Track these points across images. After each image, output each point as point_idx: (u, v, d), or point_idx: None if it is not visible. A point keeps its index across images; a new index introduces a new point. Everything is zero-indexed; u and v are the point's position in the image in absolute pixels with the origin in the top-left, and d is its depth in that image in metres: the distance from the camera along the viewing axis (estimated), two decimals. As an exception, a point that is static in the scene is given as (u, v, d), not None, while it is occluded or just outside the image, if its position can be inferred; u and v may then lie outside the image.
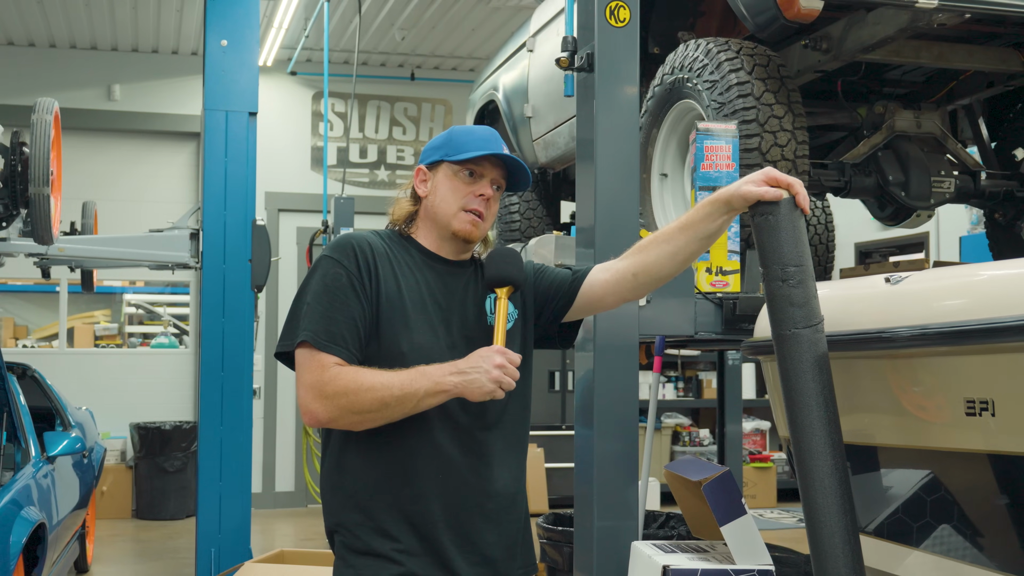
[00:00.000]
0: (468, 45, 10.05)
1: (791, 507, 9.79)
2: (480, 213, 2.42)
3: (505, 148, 2.44)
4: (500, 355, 2.25)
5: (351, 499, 2.33)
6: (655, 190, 4.05)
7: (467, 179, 2.43)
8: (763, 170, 2.28)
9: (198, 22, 9.20)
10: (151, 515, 9.54)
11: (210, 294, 6.10)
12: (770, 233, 2.22)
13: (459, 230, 2.42)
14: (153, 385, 10.24)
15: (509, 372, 2.25)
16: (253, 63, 6.30)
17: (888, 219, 4.39)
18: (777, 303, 2.22)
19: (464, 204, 2.42)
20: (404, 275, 2.39)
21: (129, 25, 9.53)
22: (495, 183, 2.45)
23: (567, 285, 2.52)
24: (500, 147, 2.43)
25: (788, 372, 2.22)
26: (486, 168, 2.44)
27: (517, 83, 5.63)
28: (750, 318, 3.17)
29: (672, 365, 10.32)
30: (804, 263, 2.21)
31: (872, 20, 3.49)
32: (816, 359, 2.20)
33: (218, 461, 6.03)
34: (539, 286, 2.54)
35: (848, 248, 9.27)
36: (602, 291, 2.49)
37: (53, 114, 5.46)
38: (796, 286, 2.20)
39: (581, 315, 2.57)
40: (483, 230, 2.46)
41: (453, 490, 2.33)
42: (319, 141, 10.56)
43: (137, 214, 9.79)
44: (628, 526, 3.01)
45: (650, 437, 4.10)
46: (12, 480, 4.85)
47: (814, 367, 2.19)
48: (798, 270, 2.20)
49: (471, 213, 2.42)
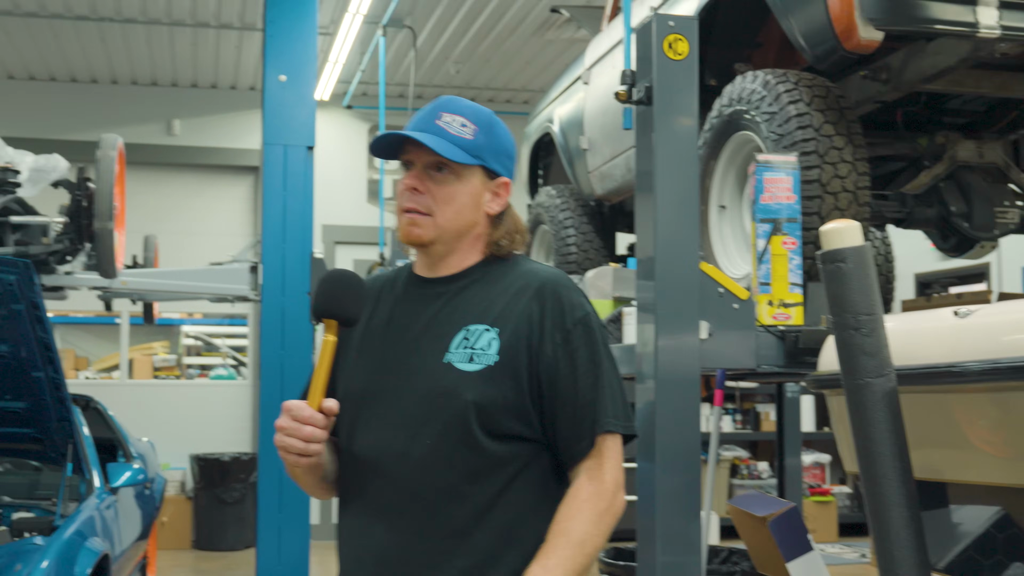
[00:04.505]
0: (522, 78, 10.11)
1: (853, 541, 9.64)
2: (412, 209, 2.05)
3: (446, 118, 2.06)
4: (284, 412, 1.91)
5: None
6: (713, 222, 4.04)
7: (405, 171, 2.09)
8: None
9: (256, 58, 9.34)
10: (210, 546, 9.60)
11: (269, 326, 6.16)
12: (840, 281, 2.20)
13: (401, 235, 2.08)
14: (212, 416, 10.33)
15: (290, 433, 1.90)
16: (311, 97, 6.37)
17: (951, 250, 4.34)
18: (849, 352, 2.20)
19: (399, 204, 2.08)
20: (377, 311, 2.12)
21: (189, 61, 9.69)
22: (431, 165, 2.05)
23: (569, 423, 2.01)
24: (418, 126, 2.06)
25: (860, 423, 2.19)
26: (413, 153, 2.07)
27: (573, 116, 5.64)
28: (812, 351, 3.14)
29: (730, 397, 10.24)
30: (875, 312, 2.19)
31: (932, 50, 3.47)
32: (888, 409, 2.17)
33: (277, 492, 6.06)
34: (553, 362, 2.01)
35: (908, 279, 9.16)
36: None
37: (117, 150, 5.56)
38: (868, 335, 2.17)
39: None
40: (429, 229, 2.05)
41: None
42: (375, 174, 10.65)
43: (196, 247, 9.92)
44: (691, 561, 2.99)
45: (712, 471, 4.07)
46: (77, 511, 4.91)
47: (887, 417, 2.16)
48: (869, 319, 2.17)
49: (405, 214, 2.06)
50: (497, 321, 2.03)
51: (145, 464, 6.87)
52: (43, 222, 5.52)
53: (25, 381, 4.71)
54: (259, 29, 8.45)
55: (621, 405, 2.02)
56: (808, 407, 10.03)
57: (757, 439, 10.56)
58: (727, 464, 10.16)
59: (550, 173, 6.56)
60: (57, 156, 5.65)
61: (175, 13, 8.58)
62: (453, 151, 2.03)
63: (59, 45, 9.22)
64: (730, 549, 4.78)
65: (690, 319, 3.06)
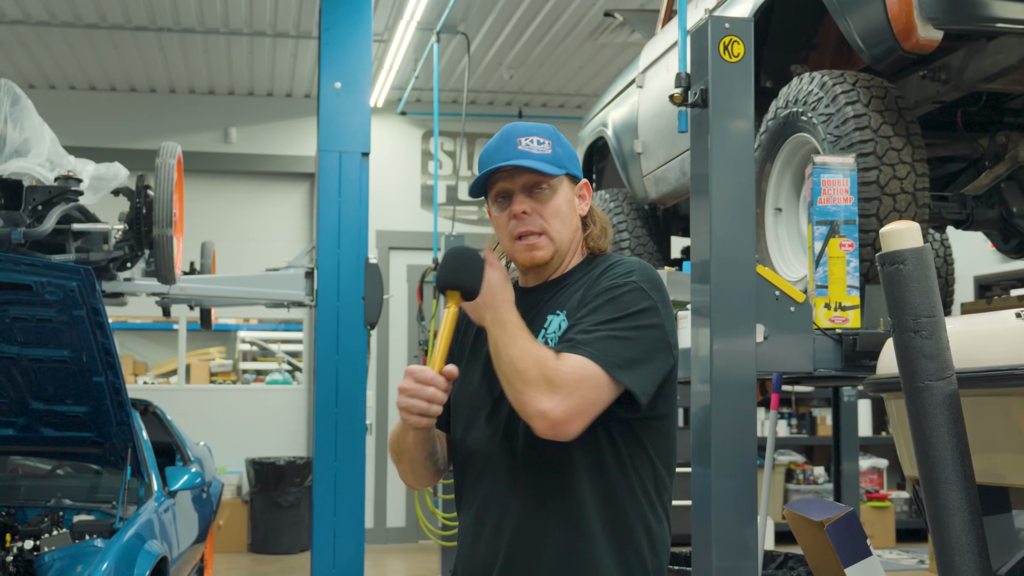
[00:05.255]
0: (575, 82, 10.10)
1: (911, 547, 9.51)
2: (526, 233, 2.20)
3: (524, 142, 2.20)
4: (406, 375, 2.04)
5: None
6: (769, 225, 4.01)
7: (502, 204, 2.23)
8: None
9: (311, 65, 9.42)
10: (266, 549, 9.69)
11: (324, 331, 6.20)
12: (900, 283, 2.17)
13: (523, 262, 2.23)
14: (267, 421, 10.43)
15: (413, 393, 2.03)
16: (365, 104, 6.40)
17: (1012, 252, 4.28)
18: (908, 355, 2.17)
19: (510, 234, 2.22)
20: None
21: (245, 70, 9.80)
22: (528, 187, 2.20)
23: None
24: (506, 154, 2.19)
25: (921, 426, 2.16)
26: (508, 181, 2.22)
27: (627, 119, 5.63)
28: (871, 355, 3.11)
29: (785, 402, 10.16)
30: (936, 314, 2.15)
31: (993, 49, 3.42)
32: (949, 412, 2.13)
33: (332, 496, 6.09)
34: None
35: (967, 281, 9.03)
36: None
37: (176, 158, 5.63)
38: (928, 337, 2.14)
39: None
40: (547, 246, 2.21)
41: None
42: (429, 180, 10.70)
43: (253, 253, 10.02)
44: (747, 566, 2.96)
45: (768, 475, 4.04)
46: (136, 514, 4.98)
47: (948, 420, 2.13)
48: (930, 321, 2.14)
49: (520, 239, 2.21)
50: (567, 305, 2.20)
51: (202, 468, 6.95)
52: (104, 229, 5.59)
53: (86, 386, 4.78)
54: (314, 37, 8.53)
55: (617, 351, 2.07)
56: (865, 411, 9.92)
57: (813, 444, 10.46)
58: (783, 469, 10.07)
59: (604, 177, 6.55)
60: (117, 164, 5.73)
61: (232, 22, 8.68)
62: (550, 167, 2.19)
63: (119, 56, 9.37)
64: (786, 554, 4.74)
65: (746, 322, 3.03)
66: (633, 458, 2.17)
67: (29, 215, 5.16)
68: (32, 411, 5.04)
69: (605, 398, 2.07)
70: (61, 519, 5.12)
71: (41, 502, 5.38)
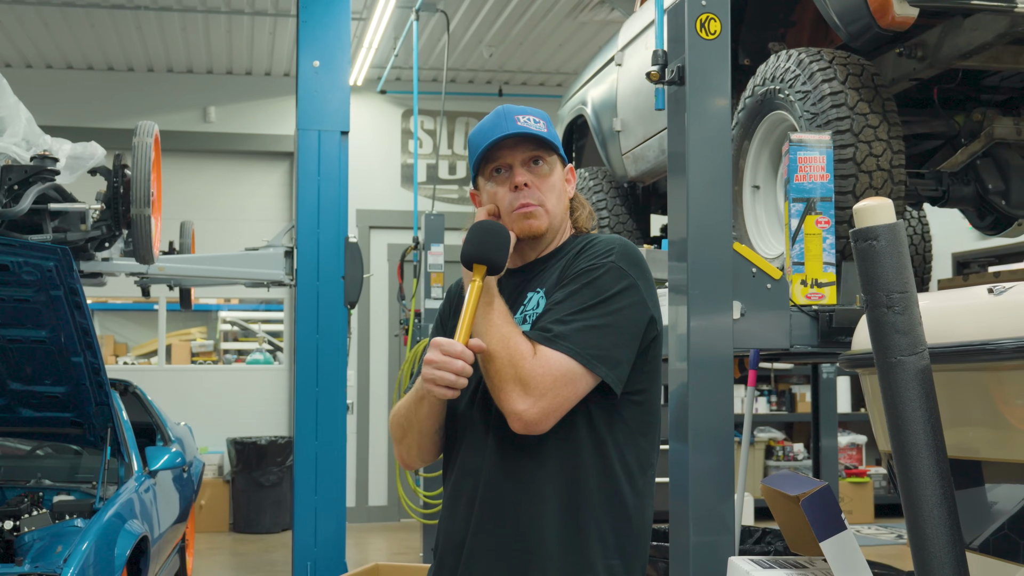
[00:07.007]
0: (555, 60, 10.09)
1: (889, 523, 9.60)
2: (527, 204, 2.21)
3: (521, 119, 2.22)
4: (433, 348, 2.04)
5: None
6: (747, 202, 4.02)
7: (500, 178, 2.24)
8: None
9: (290, 44, 9.37)
10: (248, 529, 9.70)
11: (304, 311, 6.20)
12: (873, 259, 2.18)
13: (521, 231, 2.22)
14: (248, 400, 10.43)
15: (440, 366, 2.02)
16: (344, 83, 6.39)
17: (988, 229, 4.30)
18: (881, 330, 2.18)
19: (509, 205, 2.22)
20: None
21: (224, 48, 9.74)
22: (528, 161, 2.23)
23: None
24: (506, 127, 2.20)
25: (893, 401, 2.17)
26: (507, 155, 2.22)
27: (606, 97, 5.63)
28: (847, 331, 3.13)
29: (765, 379, 10.21)
30: (908, 289, 2.17)
31: (969, 26, 3.43)
32: (922, 386, 2.15)
33: (313, 475, 6.11)
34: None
35: (945, 259, 9.08)
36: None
37: (153, 137, 5.60)
38: (901, 313, 2.16)
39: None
40: (544, 218, 2.22)
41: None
42: (409, 158, 10.67)
43: (232, 233, 9.98)
44: (724, 541, 2.98)
45: (745, 451, 4.06)
46: (116, 494, 4.97)
47: (920, 395, 2.15)
48: (902, 296, 2.16)
49: (519, 209, 2.21)
50: (547, 283, 2.22)
51: (183, 448, 6.94)
52: (81, 209, 5.56)
53: (65, 366, 4.77)
54: (293, 15, 8.48)
55: (594, 341, 2.08)
56: (844, 388, 9.98)
57: (792, 420, 10.52)
58: (762, 445, 10.14)
59: (583, 155, 6.56)
60: (94, 144, 5.69)
61: (210, 1, 8.63)
62: (553, 140, 2.23)
63: (96, 34, 9.30)
64: (764, 529, 4.78)
65: (723, 299, 3.05)
66: (615, 434, 2.18)
67: (5, 195, 5.12)
68: (10, 391, 5.03)
69: (581, 391, 2.10)
70: (41, 499, 5.12)
71: (21, 482, 5.36)
